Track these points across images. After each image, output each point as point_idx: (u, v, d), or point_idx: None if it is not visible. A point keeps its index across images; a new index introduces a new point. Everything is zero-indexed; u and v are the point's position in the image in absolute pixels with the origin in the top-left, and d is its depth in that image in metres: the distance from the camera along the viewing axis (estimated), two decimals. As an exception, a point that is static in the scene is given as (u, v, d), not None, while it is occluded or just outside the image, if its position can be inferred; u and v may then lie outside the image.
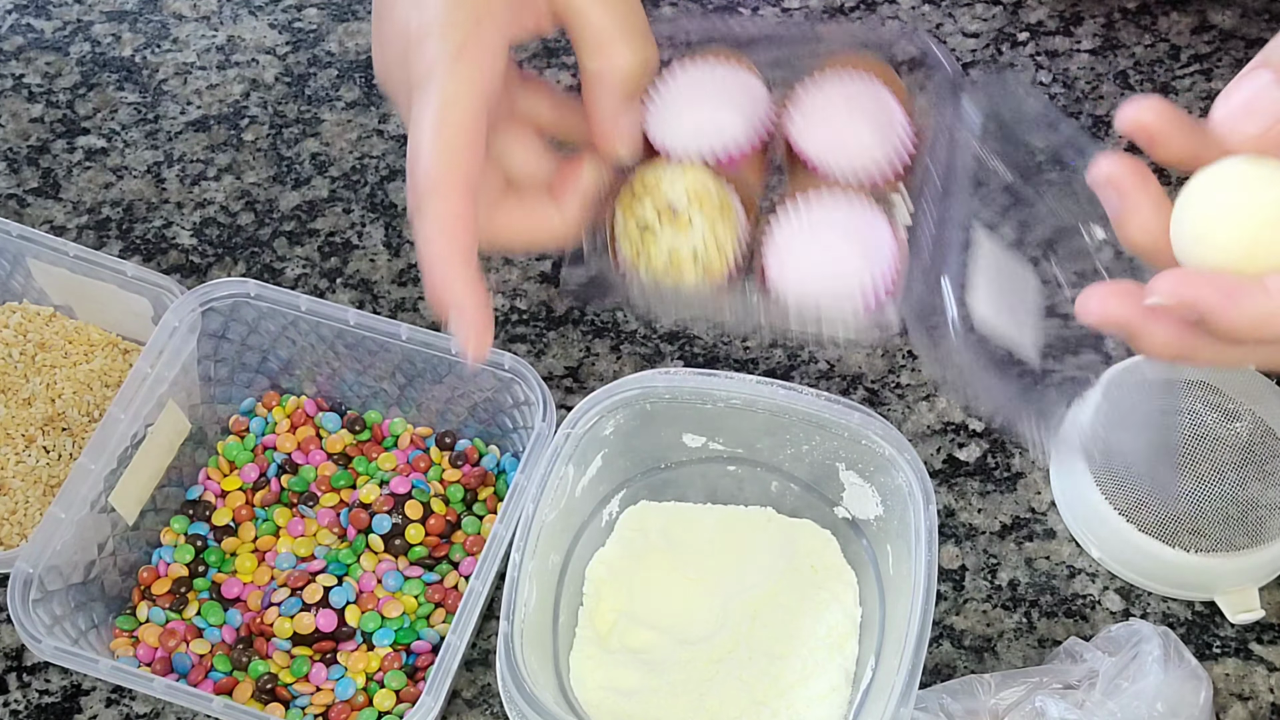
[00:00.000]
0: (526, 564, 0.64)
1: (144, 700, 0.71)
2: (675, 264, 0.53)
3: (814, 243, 0.53)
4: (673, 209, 0.53)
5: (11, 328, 0.80)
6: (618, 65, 0.53)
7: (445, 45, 0.50)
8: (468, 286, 0.50)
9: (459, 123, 0.50)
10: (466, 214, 0.50)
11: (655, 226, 0.53)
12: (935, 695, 0.65)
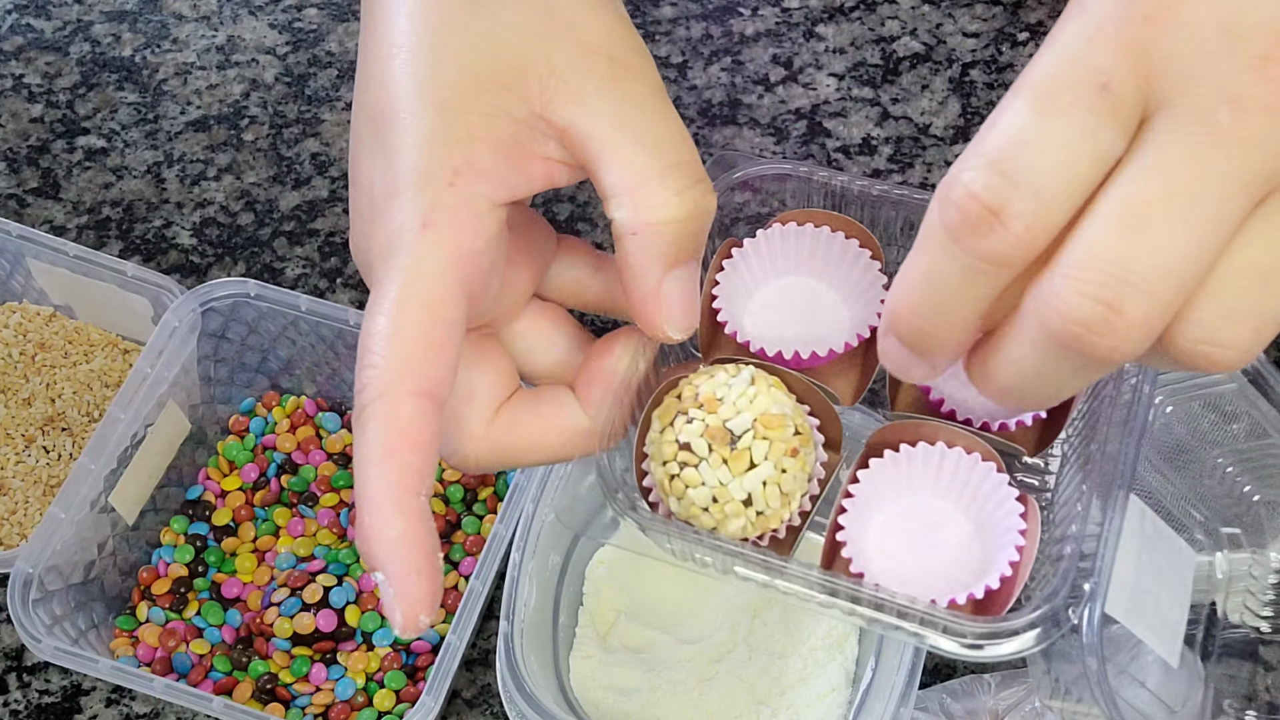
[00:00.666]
0: (526, 564, 0.64)
1: (144, 700, 0.71)
2: (719, 508, 0.40)
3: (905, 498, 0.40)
4: (730, 436, 0.40)
5: (11, 328, 0.80)
6: (657, 215, 0.40)
7: (413, 208, 0.39)
8: (405, 536, 0.37)
9: (423, 308, 0.38)
10: (421, 431, 0.38)
11: (703, 454, 0.40)
12: (935, 695, 0.65)
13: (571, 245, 0.45)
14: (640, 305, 0.41)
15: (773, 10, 0.94)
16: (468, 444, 0.42)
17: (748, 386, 0.41)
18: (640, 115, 0.40)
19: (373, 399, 0.38)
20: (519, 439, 0.42)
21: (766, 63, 0.92)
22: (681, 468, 0.41)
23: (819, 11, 0.94)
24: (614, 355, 0.43)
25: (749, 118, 0.90)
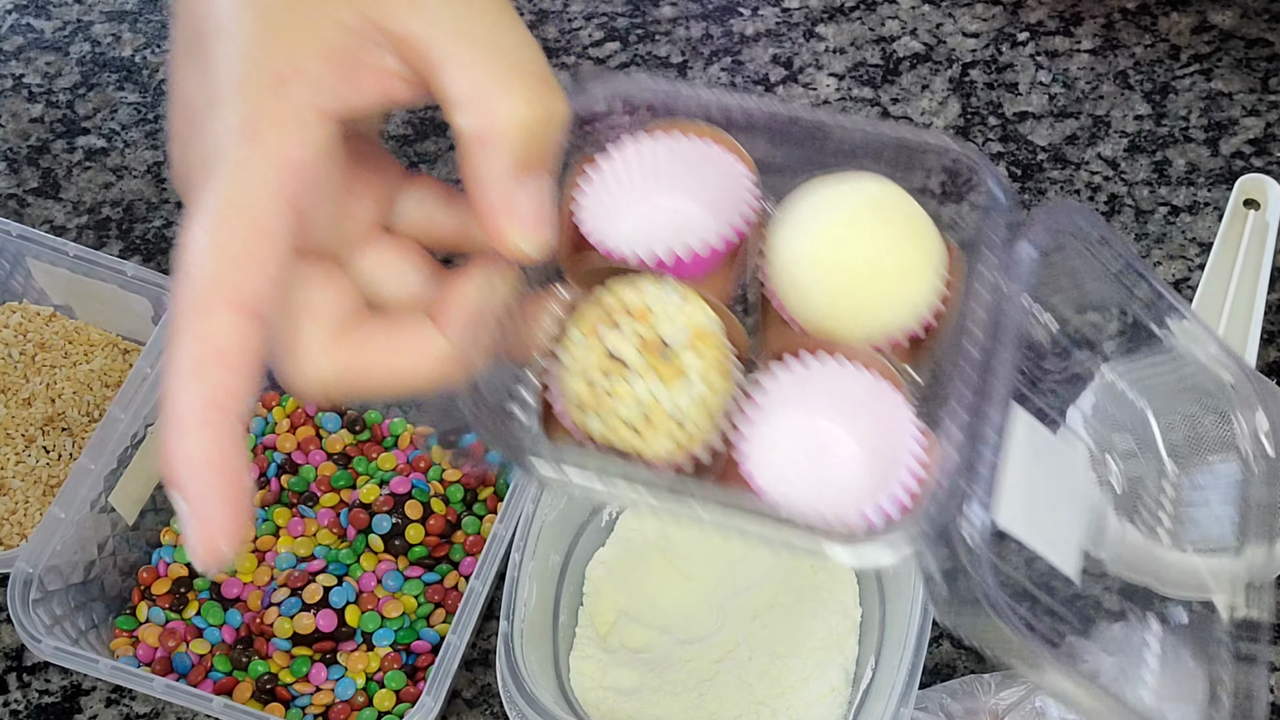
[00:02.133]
0: (526, 564, 0.64)
1: (144, 700, 0.71)
2: (648, 425, 0.37)
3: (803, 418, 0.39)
4: (664, 348, 0.37)
5: (11, 328, 0.80)
6: (503, 120, 0.38)
7: (234, 118, 0.36)
8: (208, 457, 0.35)
9: (243, 218, 0.36)
10: (236, 347, 0.35)
11: (636, 367, 0.37)
12: (935, 695, 0.65)
13: (422, 180, 0.43)
14: (489, 219, 0.39)
15: (773, 10, 0.94)
16: (309, 366, 0.39)
17: (678, 298, 0.38)
18: (482, 22, 0.38)
19: (184, 311, 0.35)
20: (370, 363, 0.39)
21: (766, 63, 0.92)
22: (608, 379, 0.37)
23: (819, 11, 0.94)
24: (471, 279, 0.40)
25: (749, 118, 0.90)
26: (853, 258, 0.39)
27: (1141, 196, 0.85)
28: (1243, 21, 0.92)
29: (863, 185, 0.40)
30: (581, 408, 0.38)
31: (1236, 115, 0.88)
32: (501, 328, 0.39)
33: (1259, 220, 0.81)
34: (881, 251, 0.39)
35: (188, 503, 0.35)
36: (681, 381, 0.37)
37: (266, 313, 0.36)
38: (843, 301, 0.39)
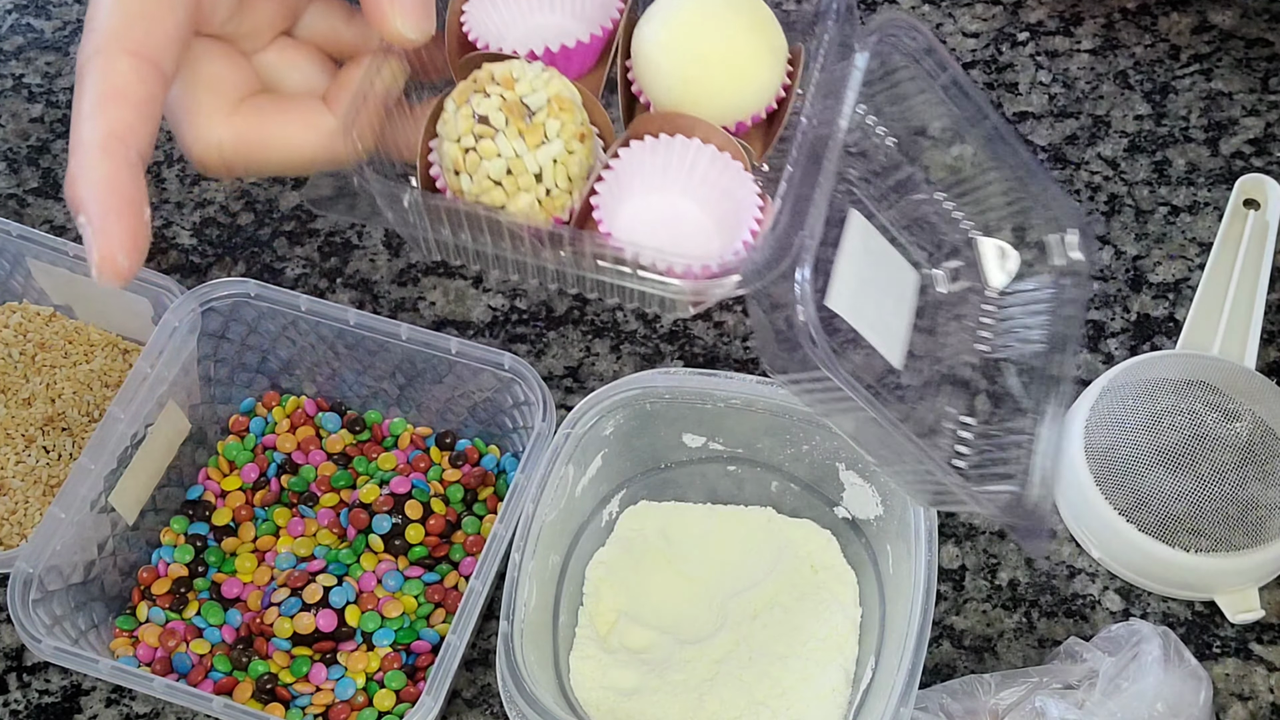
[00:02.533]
0: (526, 564, 0.64)
1: (144, 700, 0.71)
2: (513, 182, 0.41)
3: (656, 190, 0.43)
4: (527, 111, 0.41)
5: (11, 328, 0.80)
6: None
7: None
8: (109, 180, 0.39)
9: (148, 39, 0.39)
10: (136, 89, 0.39)
11: (502, 128, 0.41)
12: (935, 695, 0.65)
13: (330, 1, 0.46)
14: (375, 7, 0.41)
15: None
16: (207, 130, 0.43)
17: (542, 72, 0.43)
18: None
19: (89, 57, 0.39)
20: (264, 134, 0.43)
21: (766, 63, 0.92)
22: (477, 140, 0.41)
23: (819, 11, 0.94)
24: (360, 66, 0.44)
25: (749, 118, 0.90)
26: (705, 47, 0.43)
27: (1141, 196, 0.85)
28: (1243, 21, 0.92)
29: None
30: (455, 171, 0.42)
31: (1236, 115, 0.88)
32: (389, 116, 0.43)
33: (1259, 220, 0.81)
34: (731, 42, 0.43)
35: (89, 221, 0.39)
36: (543, 143, 0.41)
37: (165, 66, 0.40)
38: (695, 87, 0.43)
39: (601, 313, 0.82)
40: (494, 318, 0.82)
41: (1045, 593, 0.72)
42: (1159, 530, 0.70)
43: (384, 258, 0.84)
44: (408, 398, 0.76)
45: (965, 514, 0.74)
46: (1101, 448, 0.72)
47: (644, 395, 0.69)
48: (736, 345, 0.81)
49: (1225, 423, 0.72)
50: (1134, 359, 0.75)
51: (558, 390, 0.79)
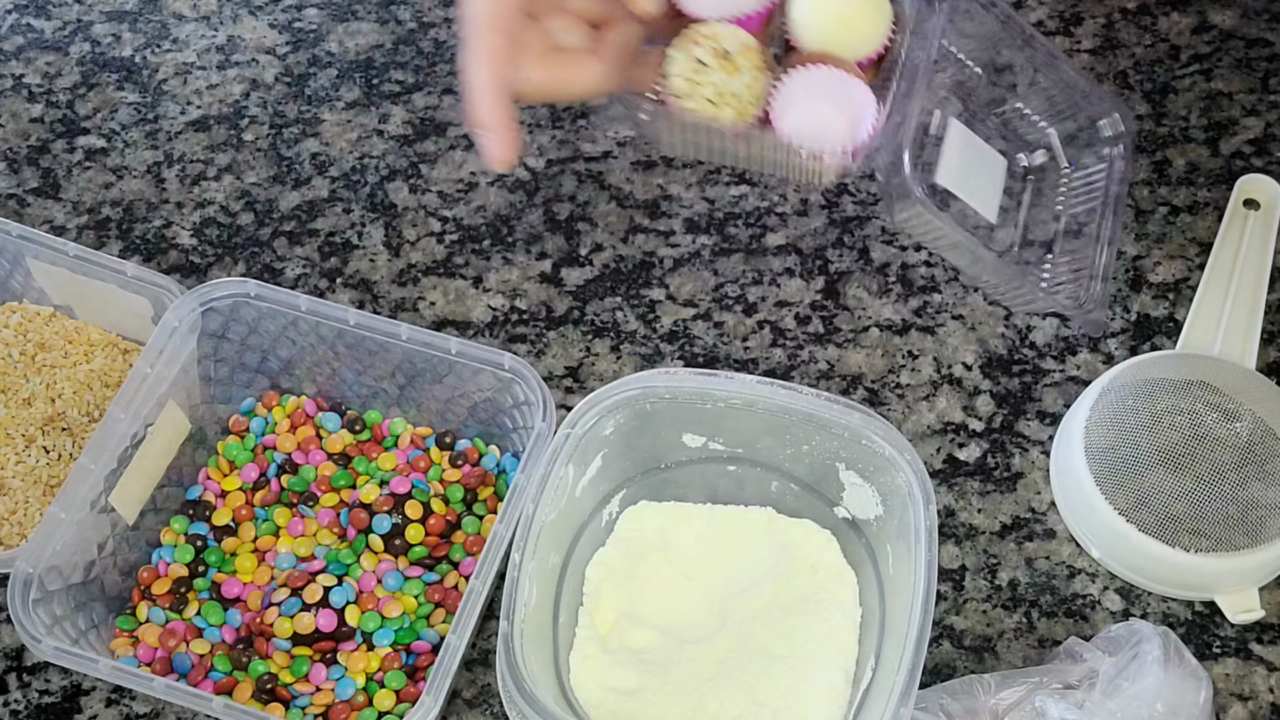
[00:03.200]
0: (526, 564, 0.64)
1: (144, 700, 0.71)
2: (720, 99, 0.62)
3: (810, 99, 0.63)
4: (727, 54, 0.62)
5: (11, 328, 0.80)
6: None
7: None
8: (499, 107, 0.61)
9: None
10: (502, 50, 0.62)
11: (710, 65, 0.62)
12: (935, 695, 0.65)
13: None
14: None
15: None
16: (527, 73, 0.63)
17: (734, 29, 0.63)
18: None
19: (475, 32, 0.61)
20: (559, 75, 0.64)
21: (766, 63, 0.92)
22: (695, 74, 0.62)
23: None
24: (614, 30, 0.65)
25: (749, 118, 0.90)
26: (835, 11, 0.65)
27: (1141, 196, 0.85)
28: (1243, 21, 0.92)
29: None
30: (680, 96, 0.63)
31: (1236, 115, 0.88)
32: (635, 62, 0.64)
33: (1259, 220, 0.81)
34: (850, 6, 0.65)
35: (491, 135, 0.62)
36: (738, 74, 0.63)
37: (514, 34, 0.62)
38: (830, 36, 0.65)
39: (601, 313, 0.82)
40: (494, 318, 0.82)
41: (1045, 593, 0.72)
42: (1159, 530, 0.70)
43: (384, 258, 0.84)
44: (408, 398, 0.76)
45: (969, 509, 0.74)
46: (1101, 448, 0.72)
47: (644, 395, 0.69)
48: (736, 345, 0.81)
49: (1225, 423, 0.72)
50: (1134, 359, 0.75)
51: (558, 390, 0.79)
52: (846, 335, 0.81)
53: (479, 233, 0.85)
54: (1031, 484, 0.76)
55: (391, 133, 0.90)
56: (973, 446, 0.77)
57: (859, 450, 0.68)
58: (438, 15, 0.95)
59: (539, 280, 0.83)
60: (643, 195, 0.87)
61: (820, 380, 0.79)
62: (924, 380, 0.79)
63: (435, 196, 0.87)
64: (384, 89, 0.92)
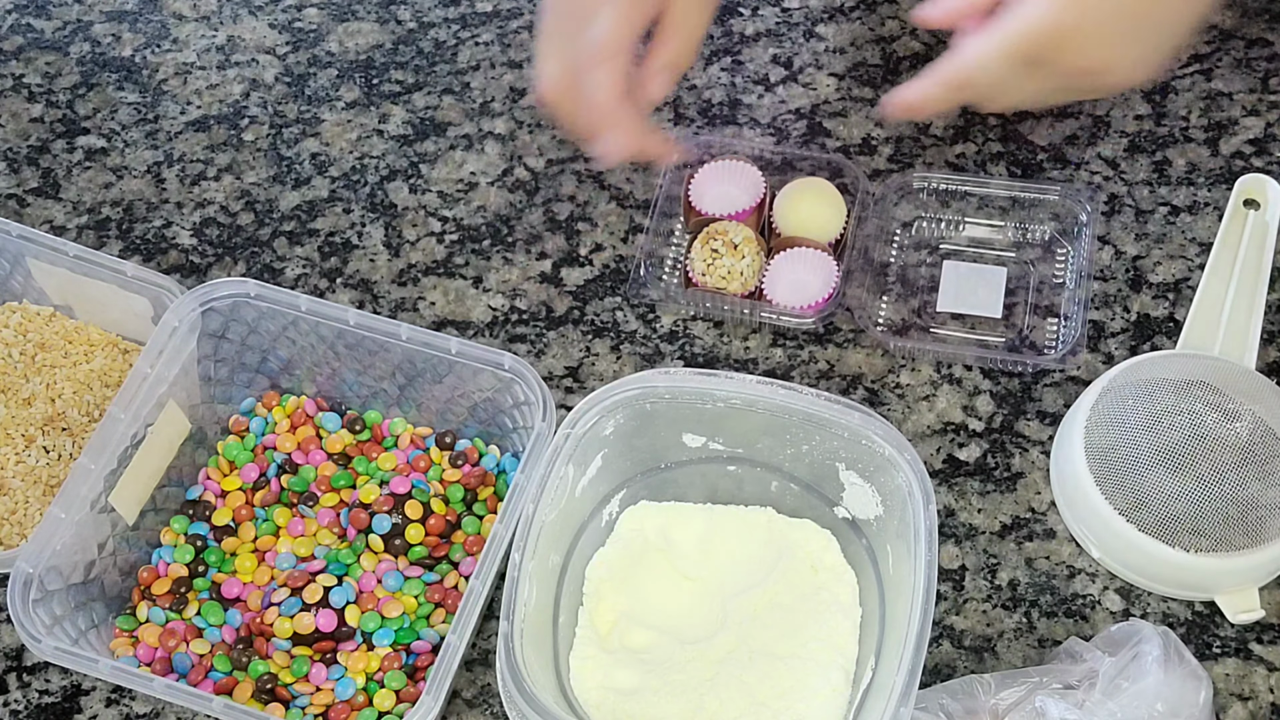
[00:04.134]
0: (526, 564, 0.64)
1: (144, 700, 0.71)
2: (729, 277, 0.80)
3: (794, 271, 0.81)
4: (734, 245, 0.80)
5: (11, 328, 0.80)
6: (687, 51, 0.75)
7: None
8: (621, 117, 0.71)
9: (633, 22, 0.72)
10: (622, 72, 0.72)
11: (723, 254, 0.80)
12: (935, 695, 0.65)
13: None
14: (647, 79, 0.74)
15: (773, 10, 0.94)
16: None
17: (737, 225, 0.81)
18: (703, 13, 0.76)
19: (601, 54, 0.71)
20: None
21: (766, 63, 0.92)
22: (712, 260, 0.80)
23: (819, 11, 0.94)
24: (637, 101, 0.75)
25: (749, 117, 0.90)
26: (805, 208, 0.82)
27: (1141, 196, 0.85)
28: (1243, 21, 0.92)
29: (813, 181, 0.83)
30: (702, 275, 0.80)
31: (1236, 115, 0.88)
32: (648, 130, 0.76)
33: (1259, 220, 0.81)
34: (816, 206, 0.82)
35: (611, 135, 0.72)
36: (742, 259, 0.80)
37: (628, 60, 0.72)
38: (803, 225, 0.81)
39: (601, 313, 0.82)
40: (494, 318, 0.82)
41: (1045, 593, 0.72)
42: (1159, 530, 0.70)
43: (384, 258, 0.84)
44: (408, 398, 0.76)
45: (969, 509, 0.74)
46: (1101, 448, 0.72)
47: (644, 395, 0.69)
48: (736, 345, 0.81)
49: (1225, 423, 0.72)
50: (1134, 359, 0.75)
51: (558, 390, 0.79)
52: (846, 335, 0.81)
53: (479, 233, 0.85)
54: (1031, 484, 0.76)
55: (391, 133, 0.90)
56: (973, 446, 0.77)
57: (859, 450, 0.68)
58: (438, 15, 0.95)
59: (539, 280, 0.83)
60: (643, 195, 0.87)
61: (820, 380, 0.79)
62: (924, 380, 0.79)
63: (435, 196, 0.87)
64: (384, 89, 0.92)
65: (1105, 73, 0.68)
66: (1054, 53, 0.67)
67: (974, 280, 0.82)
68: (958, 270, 0.82)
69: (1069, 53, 0.67)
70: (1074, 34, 0.66)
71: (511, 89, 0.91)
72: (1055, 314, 0.80)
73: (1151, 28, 0.68)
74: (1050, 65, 0.68)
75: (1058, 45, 0.67)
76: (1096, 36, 0.66)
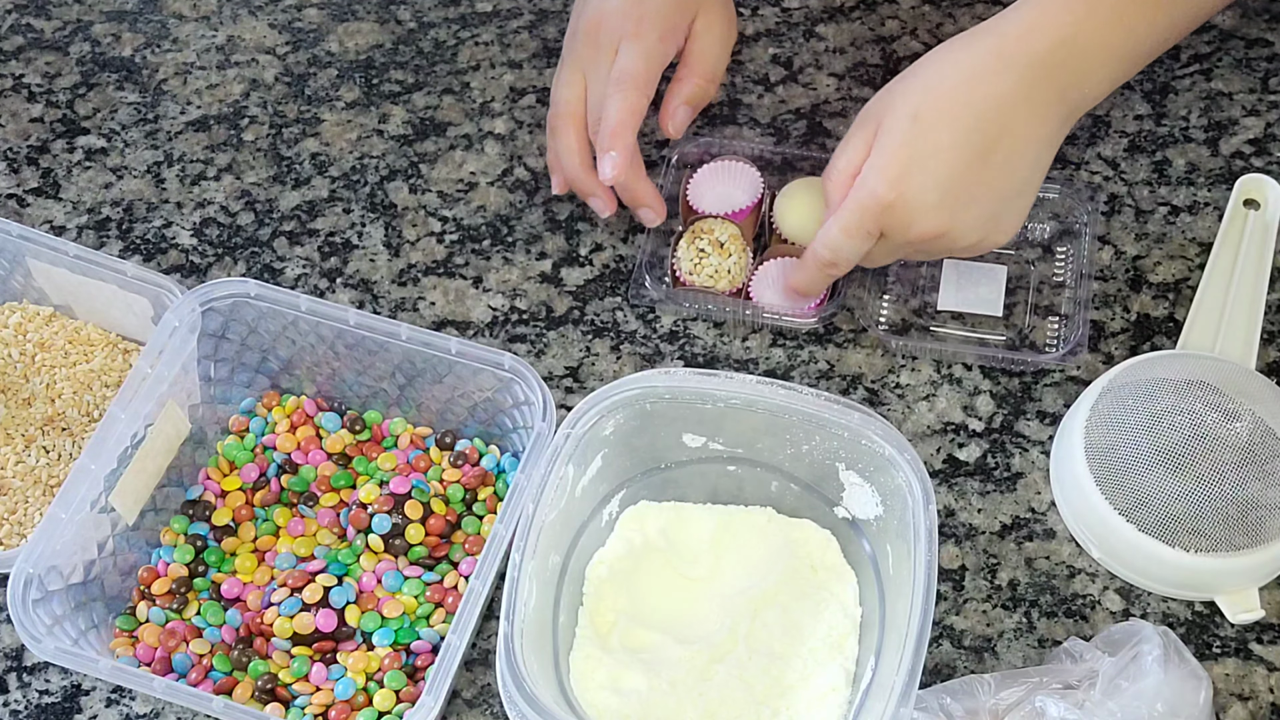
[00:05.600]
0: (526, 564, 0.64)
1: (144, 700, 0.71)
2: (717, 275, 0.80)
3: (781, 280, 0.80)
4: (720, 243, 0.80)
5: (11, 328, 0.80)
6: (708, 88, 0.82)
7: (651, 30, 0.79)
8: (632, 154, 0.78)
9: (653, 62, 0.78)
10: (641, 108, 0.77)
11: (709, 252, 0.80)
12: (935, 695, 0.65)
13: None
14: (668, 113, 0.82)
15: (773, 10, 0.94)
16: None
17: (725, 223, 0.81)
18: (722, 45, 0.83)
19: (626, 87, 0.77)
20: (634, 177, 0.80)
21: (766, 63, 0.92)
22: (700, 259, 0.80)
23: (819, 11, 0.94)
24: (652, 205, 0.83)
25: (749, 117, 0.90)
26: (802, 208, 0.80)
27: (1141, 196, 0.85)
28: (1243, 21, 0.92)
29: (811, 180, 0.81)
30: (690, 273, 0.80)
31: (1236, 115, 0.88)
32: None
33: (1259, 220, 0.81)
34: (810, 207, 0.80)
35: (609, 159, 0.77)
36: (729, 257, 0.80)
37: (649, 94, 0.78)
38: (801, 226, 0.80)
39: (601, 313, 0.82)
40: (494, 318, 0.82)
41: (1045, 593, 0.72)
42: (1159, 530, 0.70)
43: (384, 258, 0.84)
44: (408, 398, 0.76)
45: (969, 509, 0.74)
46: (1101, 448, 0.72)
47: (644, 395, 0.69)
48: (736, 345, 0.81)
49: (1225, 423, 0.72)
50: (1134, 359, 0.75)
51: (558, 390, 0.79)
52: (846, 335, 0.81)
53: (479, 233, 0.85)
54: (1031, 484, 0.75)
55: (391, 133, 0.90)
56: (973, 446, 0.77)
57: (859, 450, 0.68)
58: (438, 15, 0.95)
59: (539, 280, 0.83)
60: (643, 195, 0.87)
61: (820, 380, 0.79)
62: (924, 380, 0.79)
63: (435, 196, 0.87)
64: (384, 89, 0.92)
65: (947, 235, 0.72)
66: (890, 227, 0.72)
67: (974, 279, 0.81)
68: (958, 269, 0.82)
69: (903, 224, 0.71)
70: (900, 209, 0.71)
71: (511, 89, 0.91)
72: (1055, 314, 0.80)
73: (984, 195, 0.72)
74: (891, 236, 0.73)
75: (890, 220, 0.72)
76: (921, 208, 0.71)
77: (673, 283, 0.81)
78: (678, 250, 0.81)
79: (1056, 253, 0.82)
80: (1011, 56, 0.70)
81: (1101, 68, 0.72)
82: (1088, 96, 0.73)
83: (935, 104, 0.70)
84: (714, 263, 0.79)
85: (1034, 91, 0.70)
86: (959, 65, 0.71)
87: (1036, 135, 0.72)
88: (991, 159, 0.71)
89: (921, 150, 0.70)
